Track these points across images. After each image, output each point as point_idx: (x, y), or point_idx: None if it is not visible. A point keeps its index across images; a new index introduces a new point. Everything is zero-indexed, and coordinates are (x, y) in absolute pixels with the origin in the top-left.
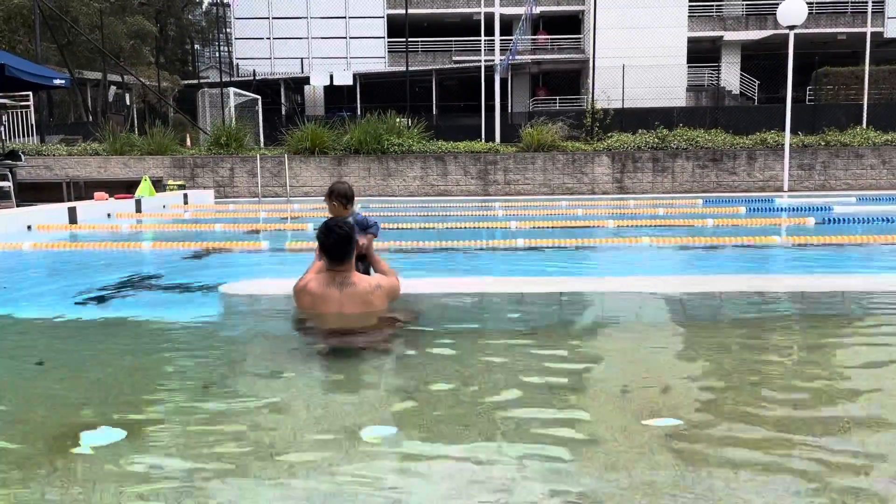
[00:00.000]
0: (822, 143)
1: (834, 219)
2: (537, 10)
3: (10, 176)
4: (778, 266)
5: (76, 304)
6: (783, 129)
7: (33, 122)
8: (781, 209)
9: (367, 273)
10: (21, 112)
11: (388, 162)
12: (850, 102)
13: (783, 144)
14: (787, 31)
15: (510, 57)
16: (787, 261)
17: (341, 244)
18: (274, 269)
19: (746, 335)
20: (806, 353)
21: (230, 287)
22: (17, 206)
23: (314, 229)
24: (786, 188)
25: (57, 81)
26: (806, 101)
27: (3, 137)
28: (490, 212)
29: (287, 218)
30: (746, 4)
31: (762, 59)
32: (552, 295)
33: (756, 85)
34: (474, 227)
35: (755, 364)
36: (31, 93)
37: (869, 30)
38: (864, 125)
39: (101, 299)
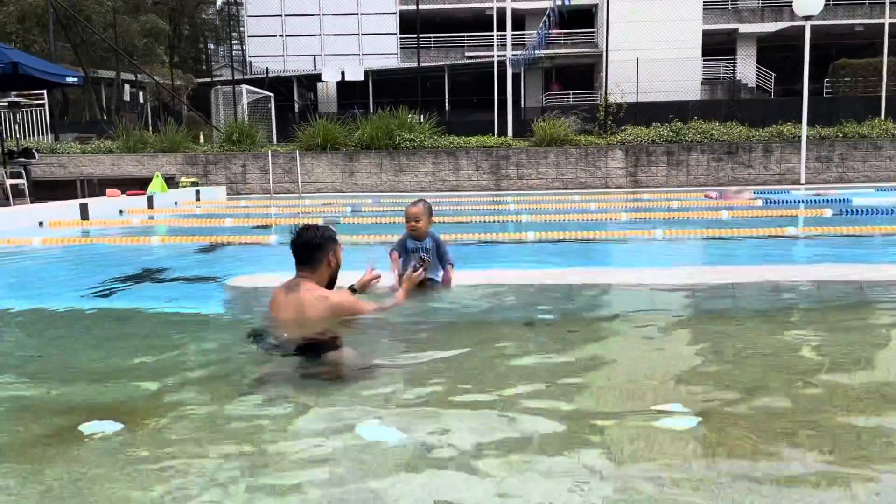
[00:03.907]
0: (840, 136)
1: (852, 210)
2: (558, 1)
3: (24, 173)
4: (794, 257)
5: (83, 298)
6: (800, 122)
7: (47, 121)
8: (799, 201)
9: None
10: (35, 110)
11: (400, 157)
12: (867, 94)
13: (800, 137)
14: (803, 22)
15: (529, 54)
16: (803, 252)
17: (301, 248)
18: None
19: (761, 327)
20: (821, 345)
21: (237, 281)
22: (31, 203)
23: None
24: (803, 181)
25: (70, 79)
26: (823, 94)
27: (18, 135)
28: (502, 206)
29: (299, 213)
30: None
31: (778, 52)
32: (564, 287)
33: (772, 77)
34: (486, 221)
35: (770, 356)
36: (45, 91)
37: (887, 21)
38: (883, 117)
39: (108, 294)
